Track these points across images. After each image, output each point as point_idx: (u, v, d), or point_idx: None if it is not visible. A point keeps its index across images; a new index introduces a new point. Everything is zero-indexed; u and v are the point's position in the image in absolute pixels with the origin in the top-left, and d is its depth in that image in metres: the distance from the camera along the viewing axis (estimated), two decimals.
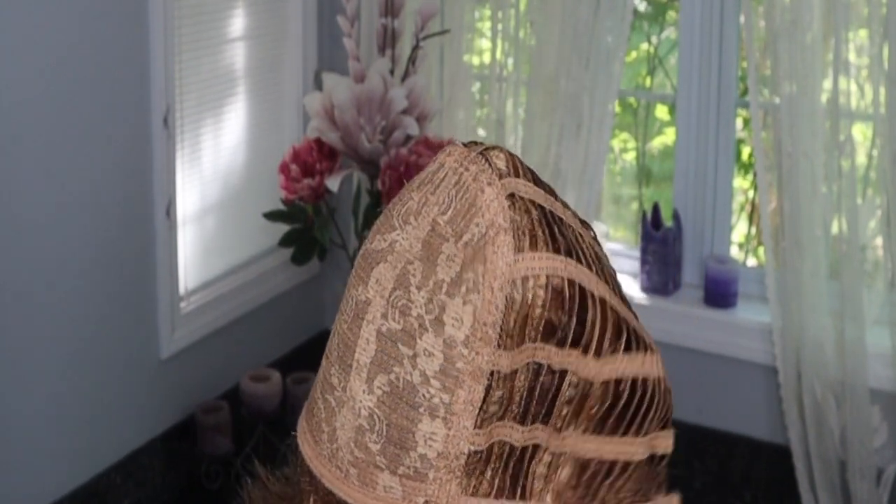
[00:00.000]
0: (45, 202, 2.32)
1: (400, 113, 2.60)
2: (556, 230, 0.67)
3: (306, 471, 0.72)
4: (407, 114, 2.61)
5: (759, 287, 2.77)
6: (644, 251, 2.84)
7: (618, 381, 0.66)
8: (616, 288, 0.70)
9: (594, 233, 0.72)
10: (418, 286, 0.66)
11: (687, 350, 2.75)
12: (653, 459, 0.70)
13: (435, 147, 2.64)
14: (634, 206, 3.53)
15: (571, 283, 0.65)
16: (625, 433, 0.67)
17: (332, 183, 2.60)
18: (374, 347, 0.67)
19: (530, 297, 0.65)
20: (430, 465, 0.66)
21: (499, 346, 0.64)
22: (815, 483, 2.60)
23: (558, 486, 0.66)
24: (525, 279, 0.65)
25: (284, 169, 2.63)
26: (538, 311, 0.65)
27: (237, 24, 2.85)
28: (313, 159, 2.61)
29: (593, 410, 0.66)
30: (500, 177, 0.67)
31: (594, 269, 0.68)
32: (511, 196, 0.66)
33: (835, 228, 2.56)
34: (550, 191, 0.70)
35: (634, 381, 0.67)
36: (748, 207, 3.33)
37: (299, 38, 3.02)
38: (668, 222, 2.87)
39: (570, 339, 0.65)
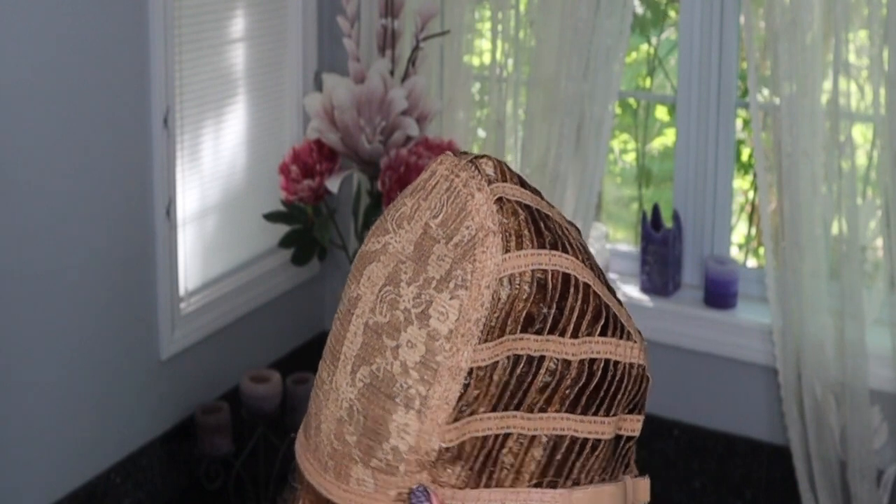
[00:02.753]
0: (44, 202, 2.32)
1: (400, 114, 2.60)
2: (542, 226, 0.70)
3: (297, 468, 0.74)
4: (407, 114, 2.61)
5: (759, 288, 2.77)
6: (644, 252, 2.84)
7: (592, 361, 0.69)
8: (601, 277, 0.73)
9: (578, 230, 0.75)
10: (408, 282, 0.69)
11: (687, 351, 2.75)
12: (619, 441, 0.72)
13: (435, 148, 2.64)
14: (634, 206, 3.53)
15: (555, 274, 0.69)
16: (595, 412, 0.70)
17: (332, 184, 2.61)
18: (360, 340, 0.70)
19: (515, 293, 0.67)
20: (401, 459, 0.68)
21: (479, 341, 0.67)
22: (816, 483, 2.61)
23: (528, 470, 0.68)
24: (512, 277, 0.68)
25: (284, 170, 2.63)
26: (520, 304, 0.67)
27: (237, 24, 2.85)
28: (313, 160, 2.62)
29: (567, 391, 0.68)
30: (489, 182, 0.70)
31: (580, 257, 0.71)
32: (499, 200, 0.69)
33: (835, 229, 2.56)
34: (536, 192, 0.73)
35: (607, 363, 0.70)
36: (748, 208, 3.33)
37: (299, 38, 3.03)
38: (668, 223, 2.87)
39: (548, 327, 0.68)
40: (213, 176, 2.83)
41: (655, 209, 2.87)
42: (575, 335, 0.68)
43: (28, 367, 2.33)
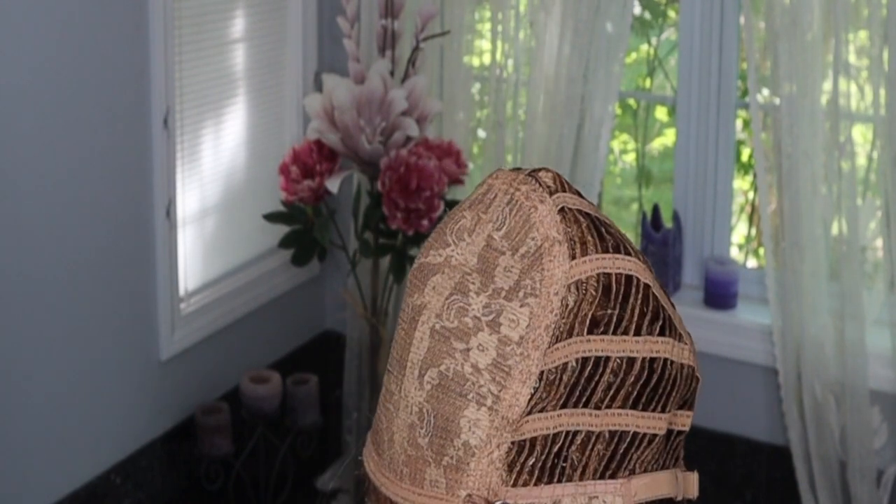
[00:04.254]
0: (45, 203, 2.32)
1: (400, 114, 2.60)
2: (603, 231, 0.73)
3: (372, 488, 0.76)
4: (407, 115, 2.61)
5: (759, 288, 2.77)
6: (644, 252, 2.83)
7: (652, 360, 0.72)
8: (657, 280, 0.76)
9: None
10: (477, 292, 0.71)
11: None
12: (670, 435, 0.76)
13: (435, 148, 2.64)
14: (634, 207, 3.53)
15: (619, 276, 0.72)
16: (654, 409, 0.73)
17: (332, 184, 2.61)
18: (426, 345, 0.72)
19: (582, 297, 0.70)
20: (472, 454, 0.70)
21: (549, 345, 0.69)
22: (816, 484, 2.61)
23: (592, 465, 0.71)
24: (579, 282, 0.70)
25: (284, 170, 2.63)
26: (587, 307, 0.70)
27: (237, 25, 2.85)
28: (313, 160, 2.62)
29: (630, 389, 0.71)
30: (551, 193, 0.73)
31: (641, 259, 0.74)
32: (562, 210, 0.72)
33: (835, 229, 2.56)
34: (592, 203, 0.76)
35: (665, 361, 0.73)
36: (748, 208, 3.33)
37: (299, 39, 3.03)
38: (668, 223, 2.87)
39: (612, 327, 0.71)
40: (213, 176, 2.83)
41: (655, 209, 2.87)
42: (638, 333, 0.71)
43: (28, 367, 2.33)
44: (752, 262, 3.30)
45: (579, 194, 0.75)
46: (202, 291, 2.81)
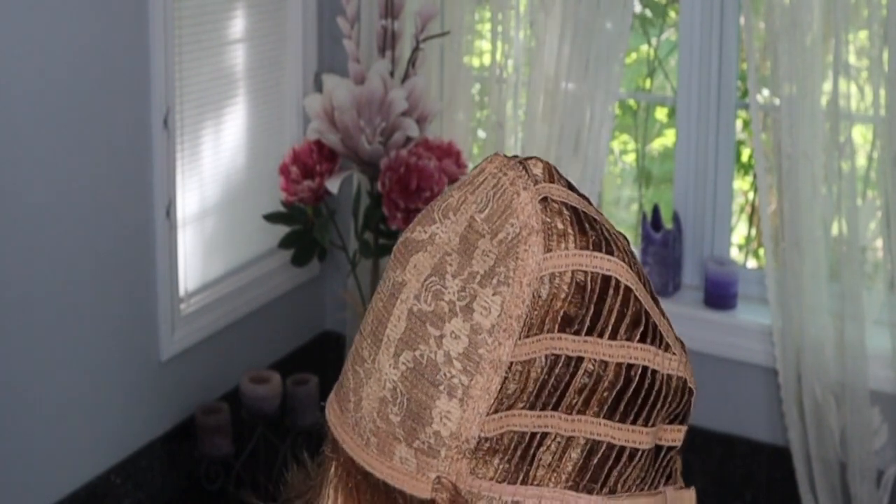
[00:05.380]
0: (45, 203, 2.32)
1: (400, 114, 2.60)
2: (586, 227, 0.71)
3: (330, 438, 0.77)
4: (407, 115, 2.61)
5: (759, 288, 2.77)
6: (644, 253, 2.84)
7: (630, 367, 0.70)
8: (647, 285, 0.73)
9: (627, 239, 0.76)
10: (453, 275, 0.71)
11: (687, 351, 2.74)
12: (659, 451, 0.73)
13: (435, 149, 2.64)
14: (634, 207, 3.53)
15: (595, 276, 0.70)
16: (634, 421, 0.70)
17: (332, 184, 2.61)
18: (403, 325, 0.72)
19: (554, 292, 0.69)
20: (442, 443, 0.70)
21: (520, 336, 0.69)
22: (816, 484, 2.61)
23: (564, 471, 0.70)
24: (552, 276, 0.69)
25: (284, 170, 2.63)
26: (558, 304, 0.69)
27: (237, 25, 2.85)
28: (313, 161, 2.62)
29: (605, 394, 0.69)
30: (536, 182, 0.72)
31: (626, 260, 0.72)
32: (544, 200, 0.71)
33: (835, 230, 2.56)
34: (584, 197, 0.75)
35: (645, 370, 0.70)
36: (748, 209, 3.33)
37: (299, 39, 3.03)
38: (668, 224, 2.87)
39: (585, 328, 0.69)
40: (213, 176, 2.83)
41: (655, 210, 2.87)
42: (613, 337, 0.70)
43: (28, 367, 2.33)
44: (752, 263, 3.30)
45: (570, 187, 0.73)
46: (202, 292, 2.81)
